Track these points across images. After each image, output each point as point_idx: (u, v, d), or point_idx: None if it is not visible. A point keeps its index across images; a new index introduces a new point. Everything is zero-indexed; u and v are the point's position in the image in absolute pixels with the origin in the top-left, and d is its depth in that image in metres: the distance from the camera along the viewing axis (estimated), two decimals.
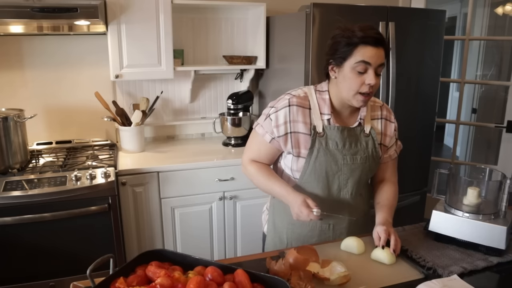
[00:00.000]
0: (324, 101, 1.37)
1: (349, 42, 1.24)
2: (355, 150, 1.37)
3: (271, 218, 1.54)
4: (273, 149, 1.41)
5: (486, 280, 1.19)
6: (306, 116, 1.36)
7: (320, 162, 1.35)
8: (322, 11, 2.20)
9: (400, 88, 2.43)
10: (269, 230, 1.54)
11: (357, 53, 1.23)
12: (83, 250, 2.08)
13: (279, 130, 1.36)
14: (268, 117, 1.38)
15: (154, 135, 2.87)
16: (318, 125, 1.35)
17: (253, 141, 1.46)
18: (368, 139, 1.39)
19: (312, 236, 1.44)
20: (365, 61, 1.23)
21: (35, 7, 1.99)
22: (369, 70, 1.25)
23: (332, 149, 1.35)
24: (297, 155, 1.38)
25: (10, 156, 2.11)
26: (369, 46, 1.23)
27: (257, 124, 1.43)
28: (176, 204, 2.36)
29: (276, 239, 1.50)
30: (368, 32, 1.24)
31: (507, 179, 1.30)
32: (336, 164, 1.36)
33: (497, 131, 3.43)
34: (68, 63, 2.56)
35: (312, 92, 1.39)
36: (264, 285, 0.98)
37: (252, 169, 1.44)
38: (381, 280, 1.15)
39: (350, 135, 1.37)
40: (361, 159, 1.38)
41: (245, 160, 1.48)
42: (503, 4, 3.78)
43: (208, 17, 2.76)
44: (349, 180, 1.38)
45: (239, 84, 2.94)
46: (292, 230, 1.46)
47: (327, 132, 1.35)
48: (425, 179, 2.78)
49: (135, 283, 0.95)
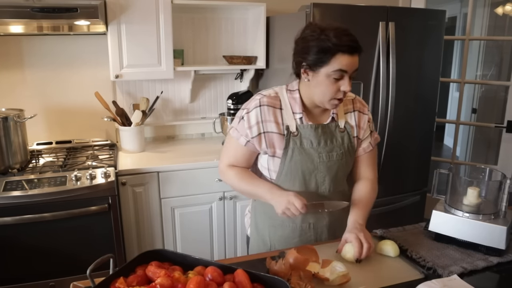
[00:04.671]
0: (295, 100, 1.36)
1: (325, 49, 1.21)
2: (331, 147, 1.36)
3: (253, 221, 1.52)
4: (250, 152, 1.39)
5: (486, 280, 1.19)
6: (278, 116, 1.34)
7: (296, 162, 1.34)
8: (322, 11, 2.20)
9: (400, 88, 2.43)
10: (252, 233, 1.53)
11: (334, 61, 1.22)
12: (83, 250, 2.08)
13: (252, 131, 1.34)
14: (242, 119, 1.36)
15: (154, 135, 2.87)
16: (291, 125, 1.34)
17: (229, 146, 1.42)
18: (343, 134, 1.39)
19: (293, 237, 1.43)
20: (342, 70, 1.23)
21: (35, 7, 1.99)
22: (345, 77, 1.25)
23: (307, 148, 1.34)
24: (273, 155, 1.36)
25: (10, 156, 2.11)
26: (346, 54, 1.21)
27: (232, 127, 1.40)
28: (176, 204, 2.36)
29: (260, 241, 1.49)
30: (345, 39, 1.20)
31: (507, 179, 1.30)
32: (312, 162, 1.35)
33: (497, 131, 3.43)
34: (68, 63, 2.56)
35: (283, 92, 1.38)
36: (264, 285, 0.98)
37: (231, 174, 1.41)
38: (381, 280, 1.15)
39: (325, 132, 1.36)
40: (337, 155, 1.37)
41: (222, 166, 1.44)
42: (503, 4, 3.78)
43: (208, 17, 2.76)
44: (326, 177, 1.37)
45: (239, 84, 2.94)
46: (274, 232, 1.44)
47: (301, 131, 1.34)
48: (425, 179, 2.78)
49: (135, 283, 0.95)
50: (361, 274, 1.17)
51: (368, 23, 2.32)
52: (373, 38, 2.34)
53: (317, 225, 1.43)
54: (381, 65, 2.36)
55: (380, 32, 2.32)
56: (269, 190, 1.33)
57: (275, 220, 1.42)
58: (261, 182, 1.37)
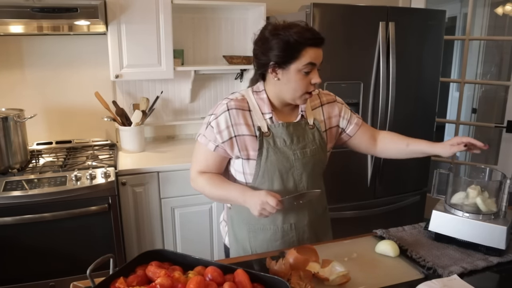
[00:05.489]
0: (262, 100, 1.36)
1: (293, 44, 1.22)
2: (304, 144, 1.36)
3: (230, 230, 1.49)
4: (220, 157, 1.37)
5: (486, 280, 1.19)
6: (248, 118, 1.33)
7: (272, 162, 1.33)
8: (322, 11, 2.20)
9: (400, 88, 2.43)
10: (231, 242, 1.49)
11: (304, 55, 1.23)
12: (83, 250, 2.08)
13: (223, 135, 1.32)
14: (209, 125, 1.34)
15: (154, 135, 2.87)
16: (262, 125, 1.33)
17: (198, 153, 1.39)
18: (313, 131, 1.39)
19: (275, 239, 1.40)
20: (312, 63, 1.25)
21: (35, 7, 1.99)
22: (314, 70, 1.27)
23: (281, 146, 1.33)
24: (247, 158, 1.34)
25: (10, 156, 2.11)
26: (314, 47, 1.24)
27: (199, 134, 1.38)
28: (176, 204, 2.36)
29: (240, 250, 1.45)
30: (309, 33, 1.23)
31: (507, 179, 1.30)
32: (288, 161, 1.34)
33: (497, 131, 3.43)
34: (68, 63, 2.56)
35: (249, 94, 1.38)
36: (264, 285, 0.98)
37: (202, 181, 1.38)
38: (381, 280, 1.15)
39: (296, 130, 1.36)
40: (311, 151, 1.37)
41: (193, 174, 1.41)
42: (503, 4, 3.78)
43: (208, 17, 2.76)
44: (303, 174, 1.36)
45: (239, 84, 2.94)
46: (255, 237, 1.41)
47: (272, 131, 1.34)
48: (425, 179, 2.78)
49: (135, 283, 0.95)
50: (361, 274, 1.17)
51: (368, 23, 2.32)
52: (373, 38, 2.34)
53: (298, 225, 1.41)
54: (381, 65, 2.36)
55: (380, 32, 2.32)
56: (241, 192, 1.30)
57: (254, 225, 1.40)
58: (233, 186, 1.35)
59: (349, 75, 2.36)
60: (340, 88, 2.32)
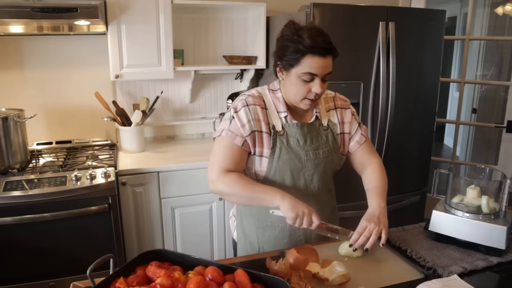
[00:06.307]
0: (278, 99, 1.36)
1: (296, 49, 1.20)
2: (317, 145, 1.36)
3: (239, 225, 1.49)
4: (245, 153, 1.31)
5: (486, 280, 1.19)
6: (265, 115, 1.33)
7: (284, 161, 1.32)
8: (322, 11, 2.20)
9: (400, 88, 2.43)
10: (239, 237, 1.50)
11: (303, 63, 1.21)
12: (83, 250, 2.08)
13: (245, 129, 1.30)
14: (233, 120, 1.31)
15: (154, 135, 2.87)
16: (277, 124, 1.33)
17: (222, 151, 1.30)
18: (327, 133, 1.39)
19: (283, 237, 1.40)
20: (311, 73, 1.22)
21: (35, 7, 1.99)
22: (316, 79, 1.24)
23: (294, 146, 1.33)
24: (260, 155, 1.33)
25: (10, 156, 2.11)
26: (316, 56, 1.19)
27: (223, 130, 1.32)
28: (176, 204, 2.36)
29: (247, 245, 1.46)
30: (316, 40, 1.18)
31: (507, 179, 1.30)
32: (300, 161, 1.34)
33: (497, 131, 3.43)
34: (68, 63, 2.56)
35: (266, 92, 1.38)
36: (264, 285, 0.98)
37: (231, 180, 1.26)
38: (381, 280, 1.15)
39: (310, 131, 1.36)
40: (324, 153, 1.36)
41: (215, 174, 1.29)
42: (503, 4, 3.78)
43: (208, 17, 2.76)
44: (314, 175, 1.36)
45: (239, 84, 2.94)
46: (262, 233, 1.42)
47: (287, 130, 1.33)
48: (425, 179, 2.78)
49: (135, 283, 0.95)
50: (361, 274, 1.17)
51: (368, 23, 2.32)
52: (373, 38, 2.34)
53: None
54: (381, 65, 2.36)
55: (380, 32, 2.32)
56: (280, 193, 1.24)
57: (263, 221, 1.40)
58: (267, 186, 1.29)
59: (349, 75, 2.36)
60: (340, 88, 2.31)
